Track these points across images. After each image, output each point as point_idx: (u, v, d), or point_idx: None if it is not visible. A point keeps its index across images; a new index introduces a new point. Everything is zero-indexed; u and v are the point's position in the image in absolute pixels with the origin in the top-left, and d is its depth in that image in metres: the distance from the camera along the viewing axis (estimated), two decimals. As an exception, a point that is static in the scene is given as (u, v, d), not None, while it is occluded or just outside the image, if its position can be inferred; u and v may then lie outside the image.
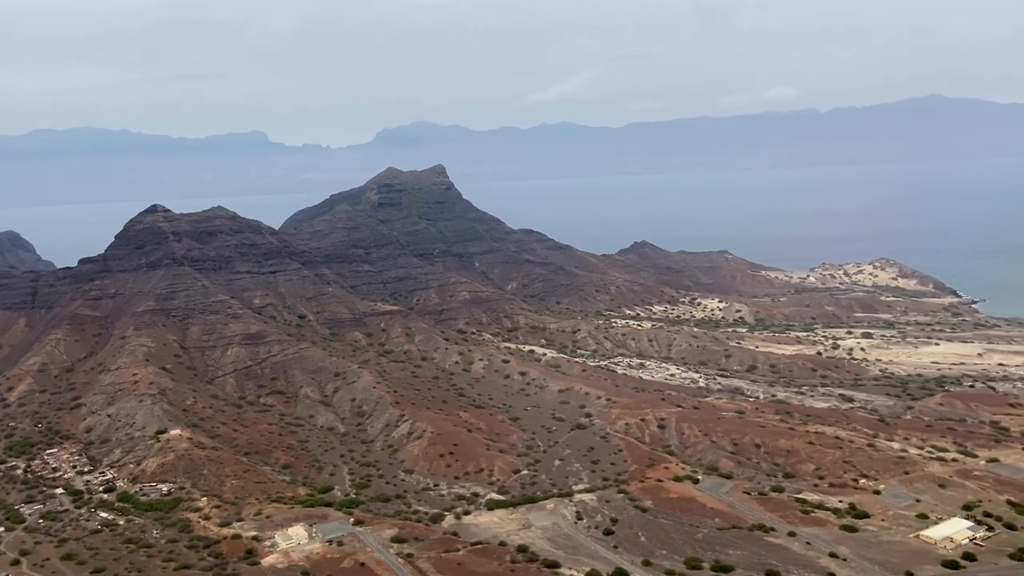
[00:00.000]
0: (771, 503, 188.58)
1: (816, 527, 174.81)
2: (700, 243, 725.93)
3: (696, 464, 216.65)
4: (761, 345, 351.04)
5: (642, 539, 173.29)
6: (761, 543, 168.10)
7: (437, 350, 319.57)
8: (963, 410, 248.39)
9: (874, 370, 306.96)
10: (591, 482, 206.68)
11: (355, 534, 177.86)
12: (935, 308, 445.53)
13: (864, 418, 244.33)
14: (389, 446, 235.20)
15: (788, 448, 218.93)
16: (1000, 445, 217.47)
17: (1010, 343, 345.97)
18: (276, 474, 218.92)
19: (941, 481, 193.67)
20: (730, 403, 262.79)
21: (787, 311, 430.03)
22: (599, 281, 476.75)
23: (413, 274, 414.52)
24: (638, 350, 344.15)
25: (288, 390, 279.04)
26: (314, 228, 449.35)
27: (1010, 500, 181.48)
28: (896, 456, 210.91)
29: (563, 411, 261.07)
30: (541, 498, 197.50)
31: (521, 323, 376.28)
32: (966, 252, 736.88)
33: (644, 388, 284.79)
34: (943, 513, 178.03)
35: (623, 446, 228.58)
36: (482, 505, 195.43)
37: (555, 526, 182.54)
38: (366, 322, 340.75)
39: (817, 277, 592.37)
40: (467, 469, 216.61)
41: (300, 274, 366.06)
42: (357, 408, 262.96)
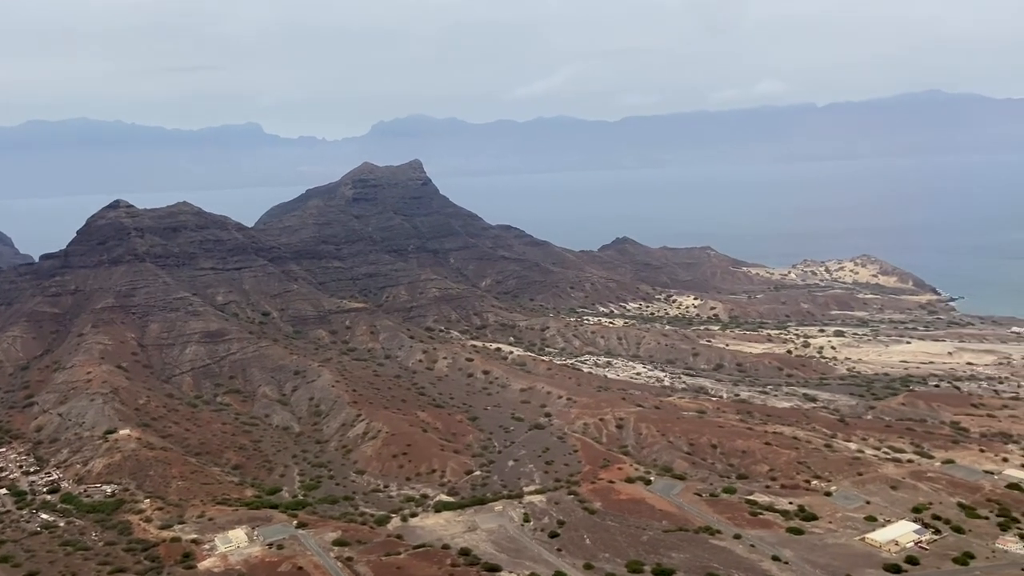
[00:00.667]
0: (721, 505, 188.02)
1: (763, 529, 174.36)
2: (689, 238, 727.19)
3: (651, 465, 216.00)
4: (731, 343, 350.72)
5: (587, 542, 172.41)
6: (705, 546, 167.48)
7: (401, 348, 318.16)
8: (925, 410, 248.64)
9: (841, 369, 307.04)
10: (543, 483, 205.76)
11: (297, 537, 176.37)
12: (911, 306, 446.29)
13: (824, 418, 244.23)
14: (343, 446, 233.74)
15: (744, 449, 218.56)
16: (958, 446, 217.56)
17: (981, 342, 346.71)
18: (225, 475, 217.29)
19: (894, 483, 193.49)
20: (692, 402, 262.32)
21: (762, 309, 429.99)
22: (574, 278, 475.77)
23: (383, 270, 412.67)
24: (607, 348, 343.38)
25: (246, 389, 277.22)
26: (284, 224, 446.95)
27: (961, 502, 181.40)
28: (851, 457, 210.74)
29: (523, 410, 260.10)
30: (490, 500, 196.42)
31: (490, 320, 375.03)
32: (951, 249, 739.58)
33: (608, 387, 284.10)
34: (892, 515, 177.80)
35: (579, 446, 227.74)
36: (430, 507, 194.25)
37: (501, 528, 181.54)
38: (331, 320, 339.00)
39: (798, 274, 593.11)
40: (419, 470, 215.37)
41: (266, 271, 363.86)
42: (315, 407, 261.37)
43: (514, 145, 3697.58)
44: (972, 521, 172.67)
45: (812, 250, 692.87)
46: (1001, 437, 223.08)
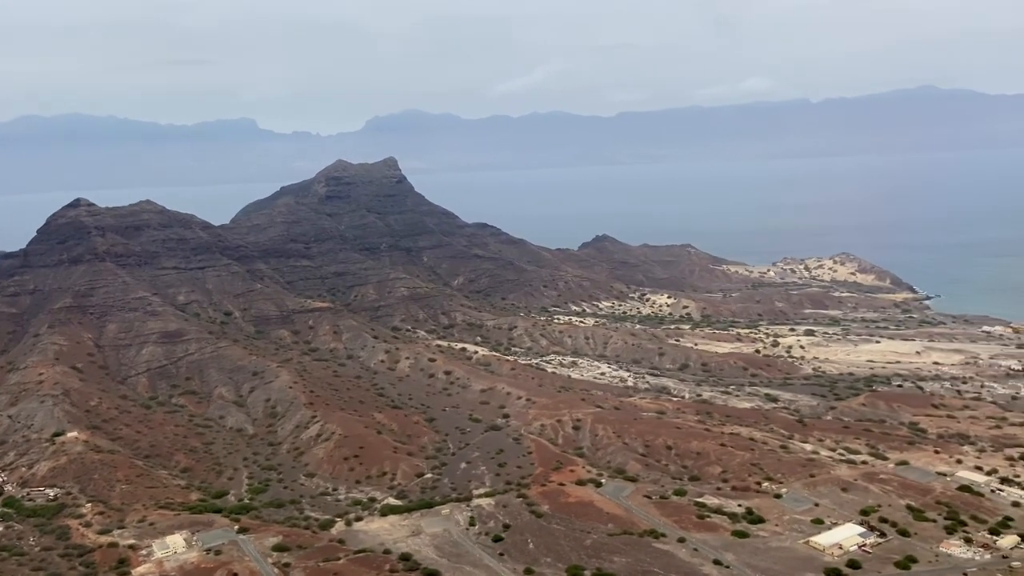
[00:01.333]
0: (669, 507, 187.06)
1: (708, 532, 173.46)
2: (674, 235, 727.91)
3: (605, 466, 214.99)
4: (700, 343, 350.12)
5: (530, 546, 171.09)
6: (648, 549, 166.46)
7: (364, 348, 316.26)
8: (885, 411, 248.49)
9: (807, 369, 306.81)
10: (493, 485, 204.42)
11: (237, 542, 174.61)
12: (886, 304, 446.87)
13: (783, 419, 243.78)
14: (296, 448, 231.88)
15: (699, 450, 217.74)
16: (913, 447, 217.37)
17: (951, 341, 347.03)
18: (172, 478, 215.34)
19: (845, 484, 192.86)
20: (653, 403, 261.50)
21: (734, 308, 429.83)
22: (548, 276, 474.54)
23: (352, 269, 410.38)
24: (573, 348, 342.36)
25: (202, 390, 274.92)
26: (252, 222, 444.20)
27: (910, 505, 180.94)
28: (806, 458, 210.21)
29: (482, 411, 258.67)
30: (438, 503, 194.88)
31: (458, 320, 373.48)
32: (933, 246, 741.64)
33: (570, 387, 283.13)
34: (839, 518, 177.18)
35: (534, 448, 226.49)
36: (376, 511, 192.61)
37: (445, 532, 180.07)
38: (294, 319, 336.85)
39: (777, 272, 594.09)
40: (370, 472, 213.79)
41: (230, 270, 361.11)
42: (271, 409, 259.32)
43: (509, 141, 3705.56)
44: (919, 524, 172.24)
45: (797, 247, 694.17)
46: (958, 438, 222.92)
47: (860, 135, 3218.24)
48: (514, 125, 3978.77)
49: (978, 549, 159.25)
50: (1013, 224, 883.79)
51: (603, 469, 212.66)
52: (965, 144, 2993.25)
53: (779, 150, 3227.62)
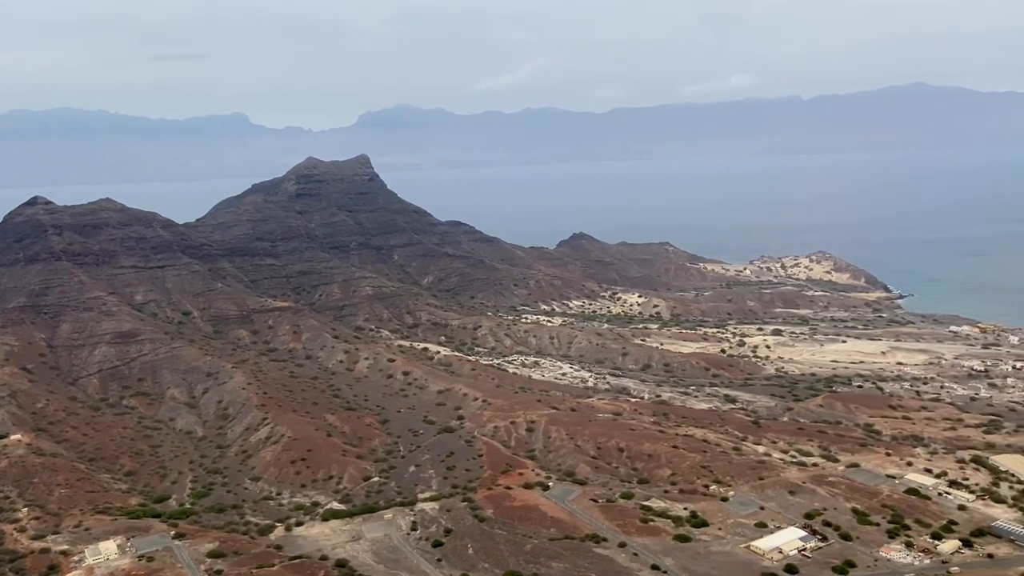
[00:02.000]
0: (614, 511, 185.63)
1: (650, 537, 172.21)
2: (658, 233, 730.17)
3: (555, 469, 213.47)
4: (666, 343, 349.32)
5: (470, 551, 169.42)
6: (588, 555, 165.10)
7: (323, 348, 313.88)
8: (842, 412, 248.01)
9: (770, 369, 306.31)
10: (440, 489, 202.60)
11: (171, 548, 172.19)
12: (857, 304, 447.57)
13: (739, 420, 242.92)
14: (244, 451, 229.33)
15: (651, 452, 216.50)
16: (865, 449, 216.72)
17: (917, 341, 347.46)
18: (115, 482, 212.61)
19: (793, 487, 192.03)
20: (610, 404, 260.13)
21: (704, 307, 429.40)
22: (519, 275, 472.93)
23: (318, 268, 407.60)
24: (538, 348, 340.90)
25: (154, 391, 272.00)
26: (218, 220, 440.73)
27: (856, 508, 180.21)
28: (757, 461, 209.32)
29: (437, 413, 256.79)
30: (381, 507, 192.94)
31: (423, 319, 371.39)
32: (911, 245, 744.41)
33: (530, 388, 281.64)
34: (783, 522, 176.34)
35: (485, 450, 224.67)
36: (318, 515, 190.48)
37: (386, 538, 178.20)
38: (254, 319, 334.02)
39: (754, 270, 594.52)
40: (316, 476, 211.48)
41: (190, 269, 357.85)
42: (223, 410, 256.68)
43: (502, 137, 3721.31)
44: (862, 528, 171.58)
45: (778, 244, 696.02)
46: (912, 440, 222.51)
47: (851, 132, 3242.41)
48: (507, 121, 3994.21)
49: (918, 554, 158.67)
50: (993, 222, 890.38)
51: (553, 472, 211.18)
52: (956, 141, 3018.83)
53: (771, 147, 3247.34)
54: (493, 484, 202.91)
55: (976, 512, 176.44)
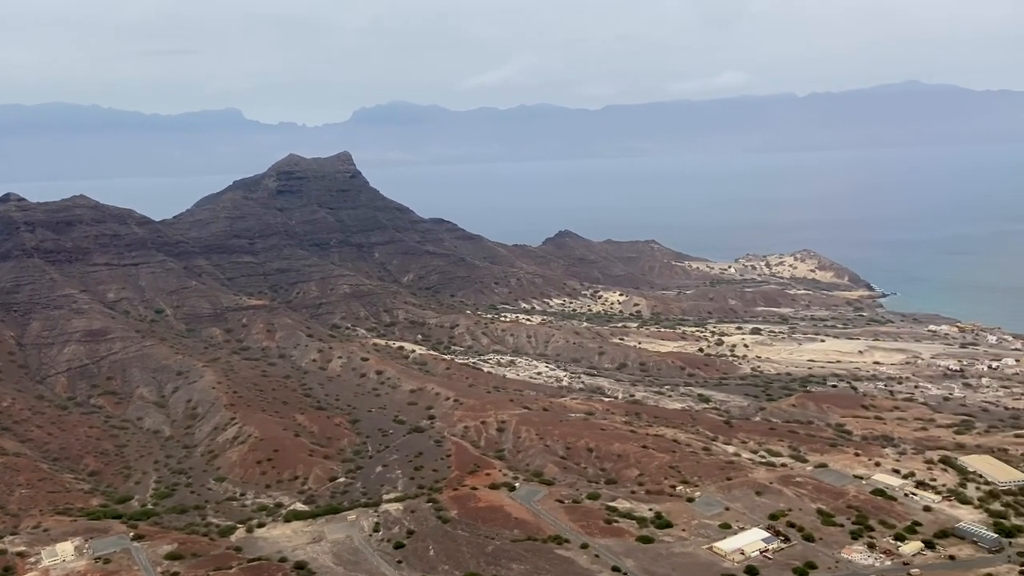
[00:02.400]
0: (579, 512, 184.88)
1: (613, 538, 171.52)
2: (647, 230, 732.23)
3: (523, 469, 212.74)
4: (644, 341, 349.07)
5: (431, 553, 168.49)
6: (549, 556, 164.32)
7: (297, 347, 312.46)
8: (814, 412, 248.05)
9: (746, 368, 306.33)
10: (405, 490, 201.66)
11: (129, 550, 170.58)
12: (838, 302, 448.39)
13: (711, 420, 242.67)
14: (210, 451, 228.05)
15: (620, 452, 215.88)
16: (835, 449, 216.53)
17: (895, 340, 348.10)
18: (77, 482, 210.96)
19: (760, 488, 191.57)
20: (583, 404, 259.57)
21: (685, 305, 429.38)
22: (500, 273, 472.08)
23: (296, 266, 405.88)
24: (515, 346, 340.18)
25: (123, 390, 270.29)
26: (195, 217, 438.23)
27: (821, 509, 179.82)
28: (725, 461, 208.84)
29: (408, 412, 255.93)
30: (345, 508, 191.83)
31: (400, 318, 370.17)
32: (897, 243, 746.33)
33: (503, 387, 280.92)
34: (748, 522, 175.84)
35: (454, 450, 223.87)
36: (280, 517, 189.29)
37: (348, 539, 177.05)
38: (228, 317, 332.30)
39: (738, 268, 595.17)
40: (282, 477, 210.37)
41: (165, 266, 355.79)
42: (191, 410, 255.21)
43: (496, 133, 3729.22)
44: (826, 529, 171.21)
45: (766, 242, 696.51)
46: (882, 440, 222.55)
47: (846, 129, 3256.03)
48: (501, 117, 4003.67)
49: (880, 555, 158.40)
50: (981, 221, 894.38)
51: (521, 472, 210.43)
52: (949, 139, 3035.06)
53: (765, 144, 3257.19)
54: (459, 484, 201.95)
55: (941, 513, 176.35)
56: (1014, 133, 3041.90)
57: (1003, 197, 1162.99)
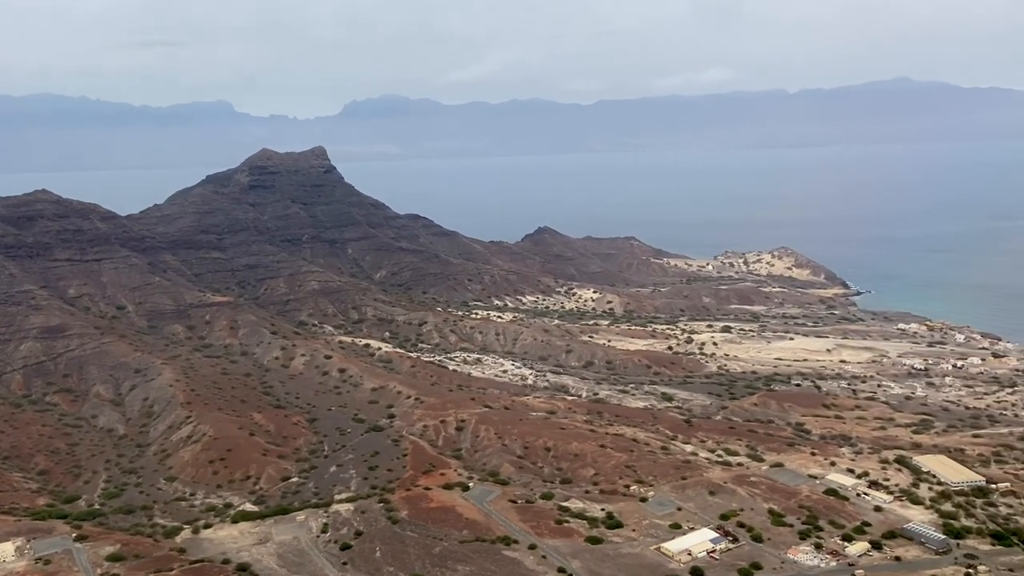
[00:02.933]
0: (530, 512, 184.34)
1: (562, 539, 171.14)
2: (630, 226, 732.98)
3: (480, 469, 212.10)
4: (613, 339, 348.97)
5: (377, 554, 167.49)
6: (496, 557, 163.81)
7: (260, 344, 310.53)
8: (775, 411, 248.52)
9: (712, 367, 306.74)
10: (358, 490, 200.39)
11: (71, 551, 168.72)
12: (812, 300, 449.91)
13: (672, 419, 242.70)
14: (163, 450, 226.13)
15: (577, 452, 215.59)
16: (792, 449, 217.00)
17: (864, 338, 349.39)
18: (26, 481, 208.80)
19: (714, 487, 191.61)
20: (545, 402, 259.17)
21: (658, 303, 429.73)
22: (474, 270, 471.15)
23: (265, 262, 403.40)
24: (483, 344, 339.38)
25: (79, 388, 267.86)
26: (162, 212, 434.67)
27: (772, 509, 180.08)
28: (682, 460, 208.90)
29: (369, 411, 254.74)
30: (295, 509, 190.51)
31: (369, 315, 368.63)
32: (878, 241, 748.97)
33: (468, 386, 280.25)
34: (699, 522, 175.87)
35: (411, 450, 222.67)
36: (228, 517, 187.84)
37: (294, 540, 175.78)
38: (191, 314, 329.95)
39: (716, 265, 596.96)
40: (233, 476, 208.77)
41: (128, 262, 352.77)
42: (148, 408, 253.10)
43: (488, 127, 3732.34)
44: (775, 529, 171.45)
45: (749, 239, 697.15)
46: (839, 439, 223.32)
47: (836, 126, 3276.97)
48: (493, 111, 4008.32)
49: (826, 556, 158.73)
50: (962, 219, 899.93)
51: (477, 472, 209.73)
52: (939, 135, 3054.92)
53: (756, 140, 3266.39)
54: (413, 485, 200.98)
55: (892, 513, 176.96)
56: (1003, 130, 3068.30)
57: (986, 195, 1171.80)
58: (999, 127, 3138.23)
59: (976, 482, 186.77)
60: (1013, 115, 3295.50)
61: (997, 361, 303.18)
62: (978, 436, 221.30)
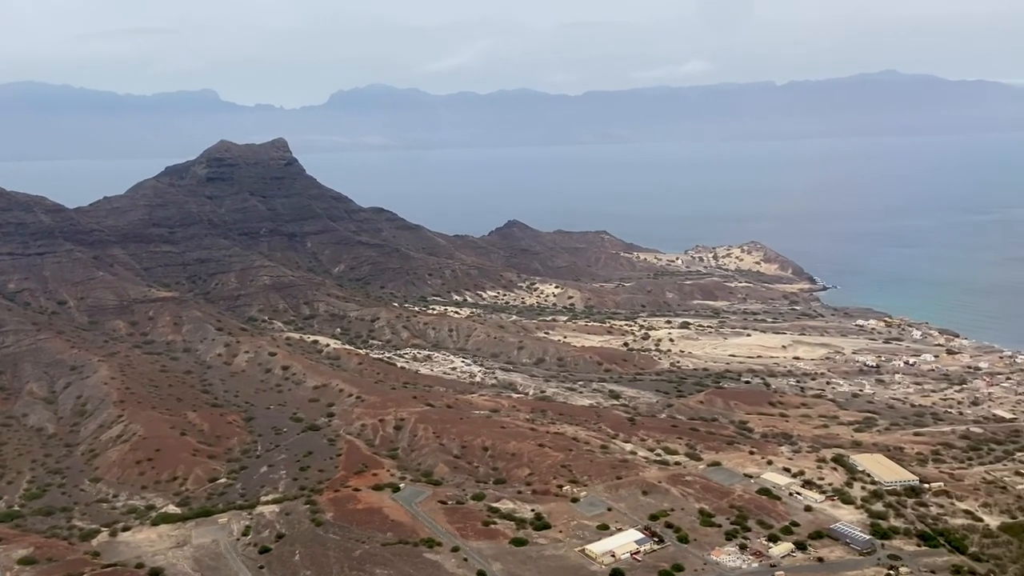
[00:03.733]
0: (459, 514, 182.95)
1: (487, 540, 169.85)
2: (606, 219, 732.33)
3: (415, 469, 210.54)
4: (569, 335, 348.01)
5: (296, 558, 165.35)
6: (416, 560, 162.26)
7: (204, 341, 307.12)
8: (721, 408, 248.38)
9: (665, 364, 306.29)
10: (285, 491, 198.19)
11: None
12: (775, 296, 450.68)
13: (615, 417, 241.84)
14: (91, 450, 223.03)
15: (514, 451, 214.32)
16: (731, 447, 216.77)
17: (822, 335, 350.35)
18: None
19: (648, 487, 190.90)
20: (490, 400, 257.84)
21: (619, 298, 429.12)
22: (435, 264, 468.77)
23: (217, 256, 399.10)
24: (435, 340, 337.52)
25: (12, 385, 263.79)
26: (113, 205, 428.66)
27: (703, 509, 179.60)
28: (619, 460, 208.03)
29: (308, 410, 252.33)
30: (218, 511, 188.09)
31: (321, 310, 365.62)
32: (849, 235, 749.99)
33: (414, 383, 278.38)
34: (627, 523, 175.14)
35: (345, 450, 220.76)
36: (149, 519, 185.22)
37: (213, 544, 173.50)
38: (134, 310, 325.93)
39: (686, 260, 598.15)
40: (160, 477, 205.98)
41: (72, 256, 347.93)
42: (81, 407, 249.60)
43: (475, 118, 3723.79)
44: (703, 530, 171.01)
45: (723, 233, 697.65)
46: (781, 437, 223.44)
47: (824, 118, 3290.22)
48: (481, 102, 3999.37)
49: (749, 557, 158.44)
50: (936, 212, 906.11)
51: (411, 472, 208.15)
52: (925, 128, 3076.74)
53: (745, 132, 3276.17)
54: (342, 486, 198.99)
55: (822, 513, 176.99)
56: (990, 123, 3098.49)
57: (965, 189, 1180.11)
58: (986, 120, 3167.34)
59: (909, 482, 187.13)
60: (1000, 108, 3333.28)
61: (950, 358, 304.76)
62: (919, 434, 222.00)
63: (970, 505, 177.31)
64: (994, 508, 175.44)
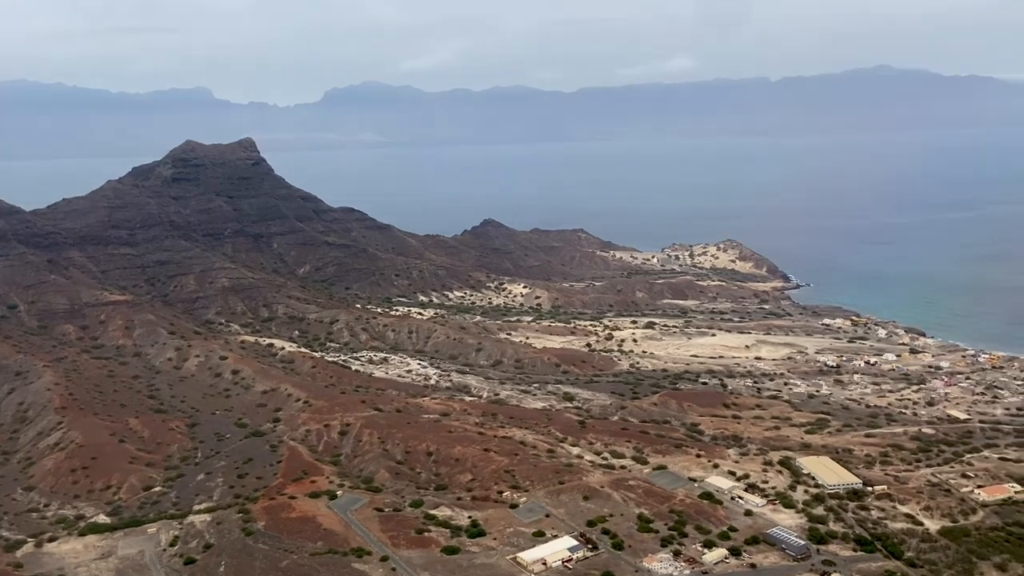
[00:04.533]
0: (393, 522, 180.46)
1: (419, 549, 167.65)
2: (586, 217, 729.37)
3: (356, 475, 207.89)
4: (532, 336, 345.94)
5: (221, 569, 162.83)
6: (344, 571, 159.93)
7: (154, 345, 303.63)
8: (674, 411, 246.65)
9: (624, 365, 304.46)
10: (220, 499, 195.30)
11: None
12: (746, 295, 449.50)
13: (566, 420, 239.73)
14: (28, 458, 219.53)
15: (459, 456, 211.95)
16: (679, 450, 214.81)
17: (787, 334, 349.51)
18: None
19: (589, 492, 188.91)
20: (441, 404, 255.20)
21: (587, 298, 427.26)
22: (403, 265, 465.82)
23: (176, 258, 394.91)
24: (394, 342, 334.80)
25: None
26: (72, 206, 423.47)
27: (643, 514, 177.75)
28: (564, 464, 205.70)
29: (255, 415, 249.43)
30: (148, 521, 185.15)
31: (280, 313, 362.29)
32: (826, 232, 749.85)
33: (367, 387, 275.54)
34: (564, 529, 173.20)
35: (287, 456, 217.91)
36: (76, 530, 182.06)
37: (139, 555, 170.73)
38: (86, 313, 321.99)
39: (661, 258, 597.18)
40: (94, 486, 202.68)
41: (24, 259, 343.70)
42: (22, 413, 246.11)
43: (469, 115, 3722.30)
44: (639, 535, 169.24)
45: (700, 230, 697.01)
46: (730, 440, 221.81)
47: (817, 114, 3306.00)
48: (475, 99, 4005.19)
49: (681, 564, 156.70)
50: (910, 208, 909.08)
51: (351, 478, 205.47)
52: (918, 123, 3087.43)
53: (739, 128, 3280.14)
54: (278, 493, 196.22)
55: (761, 518, 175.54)
56: (982, 118, 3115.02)
57: (949, 184, 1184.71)
58: (979, 116, 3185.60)
59: (852, 484, 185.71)
60: (993, 103, 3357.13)
61: (912, 357, 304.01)
62: (871, 436, 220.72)
63: (912, 509, 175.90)
64: (935, 512, 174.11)
